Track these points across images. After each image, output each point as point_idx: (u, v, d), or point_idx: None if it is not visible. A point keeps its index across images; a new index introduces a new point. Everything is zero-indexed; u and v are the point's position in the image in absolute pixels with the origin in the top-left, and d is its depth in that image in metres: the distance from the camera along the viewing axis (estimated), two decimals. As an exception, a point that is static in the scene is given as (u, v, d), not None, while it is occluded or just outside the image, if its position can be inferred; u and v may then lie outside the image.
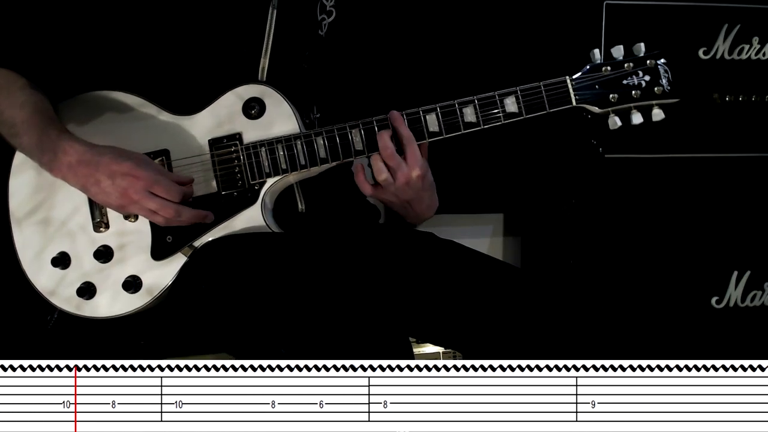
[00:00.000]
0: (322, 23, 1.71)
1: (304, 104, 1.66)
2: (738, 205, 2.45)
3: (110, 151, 1.50)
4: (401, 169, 1.54)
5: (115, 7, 1.60)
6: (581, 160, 2.37)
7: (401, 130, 1.55)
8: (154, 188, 1.47)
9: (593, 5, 2.31)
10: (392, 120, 1.55)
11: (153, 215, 1.50)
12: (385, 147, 1.54)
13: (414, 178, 1.55)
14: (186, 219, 1.52)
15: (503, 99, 1.55)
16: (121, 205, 1.49)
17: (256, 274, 1.45)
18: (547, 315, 1.54)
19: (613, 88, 1.55)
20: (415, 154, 1.55)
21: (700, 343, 2.45)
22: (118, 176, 1.46)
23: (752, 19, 2.38)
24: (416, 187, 1.57)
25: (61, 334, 1.62)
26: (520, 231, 2.71)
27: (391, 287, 1.57)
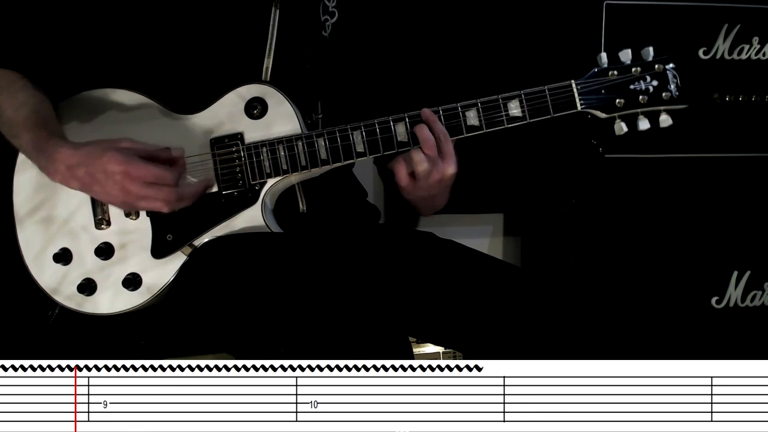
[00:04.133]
0: (325, 24, 1.71)
1: (307, 105, 1.66)
2: (738, 205, 2.45)
3: (97, 150, 1.46)
4: (437, 165, 1.53)
5: (118, 5, 1.60)
6: (581, 160, 2.37)
7: (437, 126, 1.53)
8: (148, 177, 1.45)
9: (593, 5, 2.31)
10: (426, 117, 1.53)
11: (155, 204, 1.49)
12: (428, 138, 1.52)
13: (448, 176, 1.54)
14: (189, 198, 1.51)
15: (507, 103, 1.54)
16: (123, 202, 1.49)
17: (256, 273, 1.45)
18: (547, 315, 1.54)
19: (619, 92, 1.53)
20: (450, 152, 1.53)
21: (700, 343, 2.45)
22: (111, 176, 1.45)
23: (752, 19, 2.38)
24: (446, 183, 1.56)
25: (61, 331, 1.62)
26: (520, 231, 2.72)
27: (391, 287, 1.57)
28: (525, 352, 1.48)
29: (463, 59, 2.42)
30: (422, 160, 1.53)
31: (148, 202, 1.48)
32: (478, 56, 2.42)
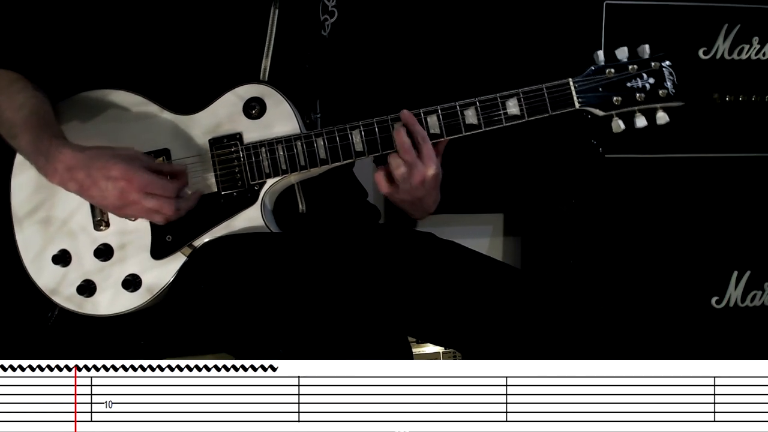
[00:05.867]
0: (324, 23, 1.71)
1: (306, 104, 1.65)
2: (738, 205, 2.45)
3: (100, 155, 1.47)
4: (417, 167, 1.52)
5: (117, 6, 1.60)
6: (581, 160, 2.38)
7: (415, 128, 1.52)
8: (149, 188, 1.46)
9: (593, 5, 2.32)
10: (405, 118, 1.53)
11: (152, 215, 1.50)
12: (403, 142, 1.52)
13: (429, 177, 1.53)
14: (185, 211, 1.51)
15: (505, 101, 1.54)
16: (118, 208, 1.49)
17: (255, 274, 1.45)
18: (546, 315, 1.54)
19: (616, 90, 1.53)
20: (430, 153, 1.52)
21: (700, 343, 2.45)
22: (111, 180, 1.45)
23: (752, 19, 2.38)
24: (429, 186, 1.56)
25: (61, 332, 1.62)
26: (520, 231, 2.72)
27: (390, 287, 1.57)
28: (525, 353, 1.48)
29: (463, 58, 2.42)
30: (399, 165, 1.52)
31: (145, 211, 1.48)
32: (478, 56, 2.42)
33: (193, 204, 1.53)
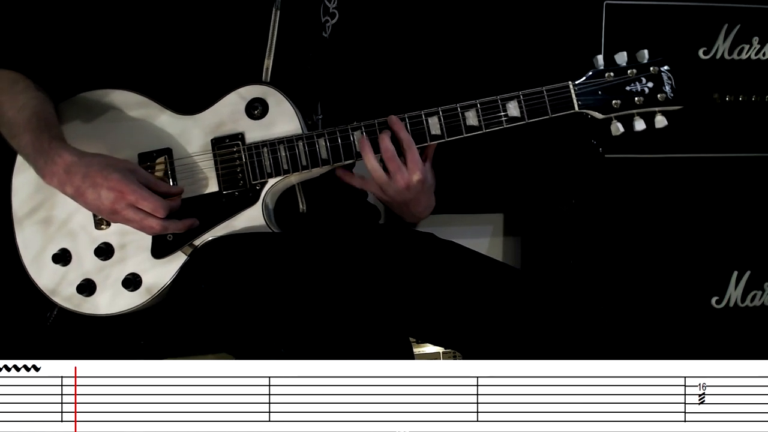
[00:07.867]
0: (325, 25, 1.71)
1: (307, 105, 1.66)
2: (738, 205, 2.45)
3: (98, 161, 1.48)
4: (401, 172, 1.54)
5: (119, 6, 1.60)
6: (581, 161, 2.38)
7: (401, 134, 1.55)
8: (140, 204, 1.46)
9: (593, 5, 2.31)
10: (391, 124, 1.55)
11: (140, 229, 1.50)
12: (386, 149, 1.54)
13: (414, 182, 1.55)
14: (173, 232, 1.52)
15: (506, 103, 1.55)
16: (109, 216, 1.49)
17: (256, 273, 1.45)
18: (546, 315, 1.54)
19: (615, 94, 1.56)
20: (415, 158, 1.55)
21: (700, 343, 2.45)
22: (104, 189, 1.45)
23: (752, 19, 2.38)
24: (415, 191, 1.57)
25: (60, 332, 1.62)
26: (520, 231, 2.71)
27: (391, 287, 1.57)
28: (525, 353, 1.49)
29: (463, 60, 2.42)
30: (376, 169, 1.55)
31: (132, 225, 1.49)
32: (478, 57, 2.42)
33: (183, 228, 1.53)
